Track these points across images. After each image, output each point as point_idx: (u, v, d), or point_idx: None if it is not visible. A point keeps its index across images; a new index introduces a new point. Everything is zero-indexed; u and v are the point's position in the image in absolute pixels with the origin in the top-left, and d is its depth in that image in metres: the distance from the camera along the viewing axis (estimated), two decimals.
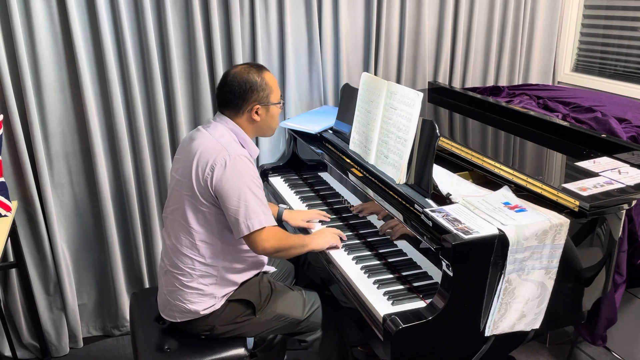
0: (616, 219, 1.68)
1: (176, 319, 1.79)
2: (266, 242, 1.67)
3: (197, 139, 1.73)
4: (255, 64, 1.81)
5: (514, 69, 3.07)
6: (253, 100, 1.75)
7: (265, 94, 1.76)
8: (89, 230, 2.52)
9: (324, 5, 2.57)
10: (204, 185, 1.66)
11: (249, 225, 1.63)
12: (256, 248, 1.68)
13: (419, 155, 1.79)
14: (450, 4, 2.81)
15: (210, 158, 1.65)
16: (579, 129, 2.09)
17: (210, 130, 1.74)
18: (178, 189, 1.73)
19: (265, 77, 1.77)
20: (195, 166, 1.67)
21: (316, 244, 1.86)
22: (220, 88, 1.77)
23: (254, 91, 1.74)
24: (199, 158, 1.67)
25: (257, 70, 1.77)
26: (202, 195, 1.67)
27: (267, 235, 1.67)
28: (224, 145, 1.67)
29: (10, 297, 2.43)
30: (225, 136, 1.72)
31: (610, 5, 2.90)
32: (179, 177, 1.74)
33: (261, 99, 1.76)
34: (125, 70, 2.33)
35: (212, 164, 1.64)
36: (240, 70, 1.76)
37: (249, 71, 1.75)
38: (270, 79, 1.78)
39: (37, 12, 2.14)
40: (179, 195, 1.73)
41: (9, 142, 2.24)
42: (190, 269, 1.73)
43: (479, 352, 1.62)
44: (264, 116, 1.79)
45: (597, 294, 1.79)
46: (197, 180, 1.66)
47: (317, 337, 1.91)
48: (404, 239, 1.85)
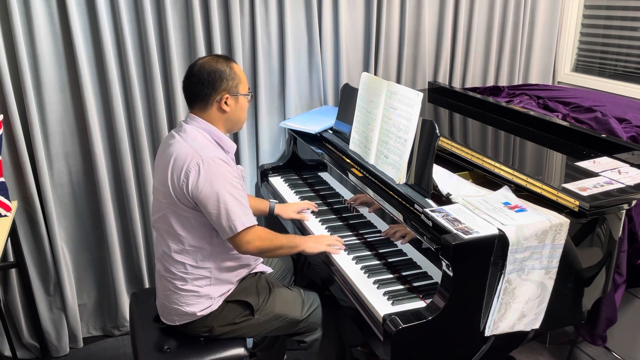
0: (616, 219, 1.68)
1: (175, 322, 1.79)
2: (249, 244, 1.68)
3: (171, 145, 1.70)
4: (222, 55, 1.78)
5: (514, 69, 3.07)
6: (222, 89, 1.70)
7: (235, 83, 1.72)
8: (89, 230, 2.52)
9: (324, 5, 2.57)
10: (180, 193, 1.64)
11: (231, 227, 1.63)
12: (240, 249, 1.70)
13: (419, 155, 1.79)
14: (450, 4, 2.81)
15: (184, 164, 1.63)
16: (579, 129, 2.09)
17: (183, 135, 1.70)
18: (158, 197, 1.73)
19: (233, 67, 1.73)
20: (171, 173, 1.65)
21: (307, 246, 1.85)
22: (187, 79, 1.72)
23: (222, 80, 1.69)
24: (173, 165, 1.65)
25: (225, 60, 1.73)
26: (182, 202, 1.66)
27: (251, 237, 1.67)
28: (196, 149, 1.64)
29: (10, 297, 2.43)
30: (197, 139, 1.69)
31: (610, 5, 2.90)
32: (157, 185, 1.73)
33: (230, 89, 1.71)
34: (125, 70, 2.33)
35: (186, 170, 1.62)
36: (207, 60, 1.72)
37: (217, 61, 1.72)
38: (239, 70, 1.75)
39: (37, 12, 2.15)
40: (159, 204, 1.72)
41: (9, 142, 2.24)
42: (184, 273, 1.73)
43: (479, 352, 1.62)
44: (234, 107, 1.74)
45: (597, 294, 1.79)
46: (174, 188, 1.65)
47: (316, 338, 1.90)
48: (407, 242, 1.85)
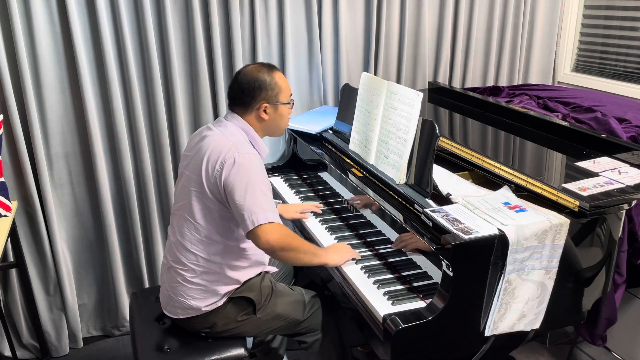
0: (616, 219, 1.68)
1: (178, 315, 1.79)
2: (270, 234, 1.62)
3: (208, 136, 1.74)
4: (267, 63, 1.82)
5: (514, 69, 3.07)
6: (261, 98, 1.76)
7: (274, 93, 1.77)
8: (89, 230, 2.52)
9: (324, 5, 2.57)
10: (213, 182, 1.67)
11: (253, 220, 1.62)
12: (259, 242, 1.64)
13: (419, 155, 1.79)
14: (450, 4, 2.81)
15: (220, 155, 1.66)
16: (579, 129, 2.09)
17: (222, 129, 1.75)
18: (187, 185, 1.74)
19: (275, 76, 1.78)
20: (206, 163, 1.68)
21: (331, 258, 1.81)
22: (231, 85, 1.80)
23: (262, 90, 1.75)
24: (210, 155, 1.68)
25: (268, 69, 1.78)
26: (211, 192, 1.68)
27: (272, 230, 1.63)
28: (234, 143, 1.69)
29: (10, 297, 2.43)
30: (235, 135, 1.73)
31: (610, 5, 2.90)
32: (188, 174, 1.75)
33: (270, 98, 1.77)
34: (125, 70, 2.33)
35: (222, 160, 1.65)
36: (251, 68, 1.78)
37: (260, 70, 1.77)
38: (280, 79, 1.79)
39: (37, 12, 2.15)
40: (187, 191, 1.74)
41: (9, 142, 2.24)
42: (194, 264, 1.74)
43: (479, 352, 1.62)
44: (273, 115, 1.80)
45: (597, 294, 1.79)
46: (207, 177, 1.68)
47: (317, 338, 1.90)
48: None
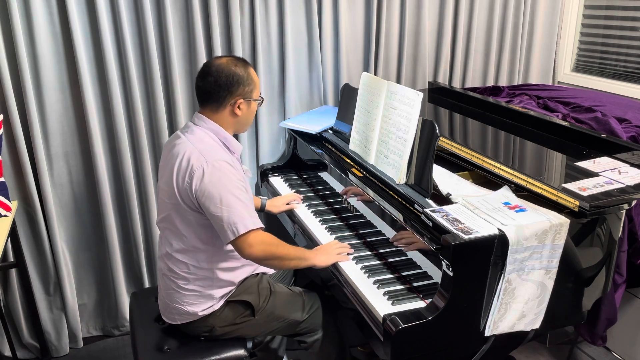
0: (616, 219, 1.68)
1: (176, 321, 1.79)
2: (252, 247, 1.63)
3: (176, 145, 1.70)
4: (239, 57, 1.78)
5: (514, 69, 3.07)
6: (238, 94, 1.71)
7: (250, 89, 1.73)
8: (88, 230, 2.52)
9: (324, 5, 2.56)
10: (185, 194, 1.64)
11: (234, 230, 1.60)
12: (242, 253, 1.65)
13: (419, 155, 1.79)
14: (450, 4, 2.81)
15: (188, 166, 1.62)
16: (579, 129, 2.09)
17: (189, 136, 1.70)
18: (163, 198, 1.73)
19: (250, 72, 1.74)
20: (176, 175, 1.65)
21: (319, 259, 1.81)
22: (203, 78, 1.70)
23: (240, 85, 1.70)
24: (179, 166, 1.65)
25: (243, 64, 1.74)
26: (185, 203, 1.65)
27: (254, 240, 1.63)
28: (201, 151, 1.64)
29: (10, 297, 2.43)
30: (203, 140, 1.69)
31: (610, 5, 2.90)
32: (162, 186, 1.73)
33: (245, 94, 1.72)
34: (125, 70, 2.33)
35: (190, 172, 1.62)
36: (226, 62, 1.71)
37: (236, 64, 1.71)
38: (254, 75, 1.76)
39: (37, 12, 2.14)
40: (165, 204, 1.72)
41: (9, 142, 2.24)
42: (186, 273, 1.73)
43: (479, 352, 1.62)
44: (245, 111, 1.75)
45: (597, 294, 1.79)
46: (179, 189, 1.65)
47: (317, 338, 1.90)
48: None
